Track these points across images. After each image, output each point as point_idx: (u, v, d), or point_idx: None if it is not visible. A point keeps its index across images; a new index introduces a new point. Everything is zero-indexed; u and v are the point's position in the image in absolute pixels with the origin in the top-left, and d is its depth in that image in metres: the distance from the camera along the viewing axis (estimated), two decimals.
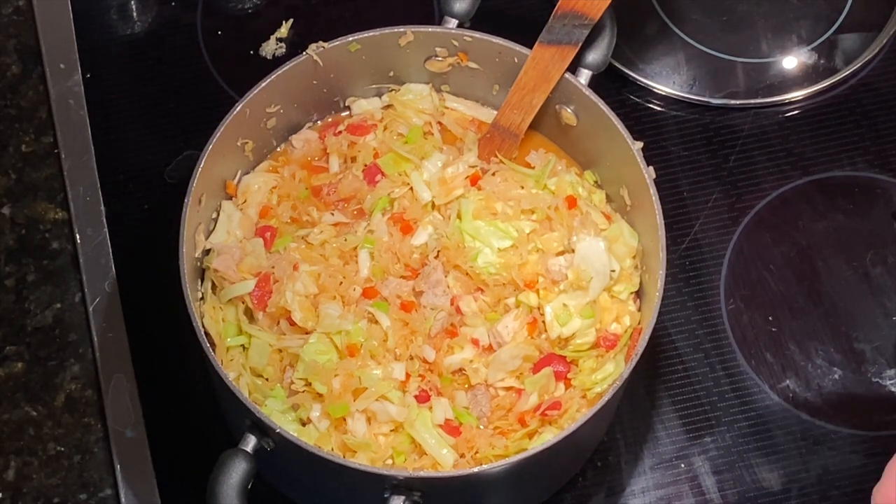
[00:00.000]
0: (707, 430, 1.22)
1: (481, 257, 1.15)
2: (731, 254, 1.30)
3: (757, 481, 1.20)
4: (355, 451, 1.09)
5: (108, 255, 1.28)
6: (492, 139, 1.22)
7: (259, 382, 1.12)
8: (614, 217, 1.19)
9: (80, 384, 1.24)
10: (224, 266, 1.15)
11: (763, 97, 1.37)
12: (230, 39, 1.40)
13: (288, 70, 1.19)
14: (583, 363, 1.13)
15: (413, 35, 1.21)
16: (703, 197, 1.33)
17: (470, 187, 1.19)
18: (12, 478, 1.21)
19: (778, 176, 1.34)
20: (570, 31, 1.18)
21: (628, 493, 1.20)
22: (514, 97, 1.20)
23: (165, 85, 1.38)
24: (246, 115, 1.17)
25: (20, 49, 1.40)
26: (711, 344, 1.25)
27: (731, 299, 1.27)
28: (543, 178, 1.20)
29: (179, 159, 1.33)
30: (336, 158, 1.22)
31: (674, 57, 1.40)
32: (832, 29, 1.41)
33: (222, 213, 1.19)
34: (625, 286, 1.15)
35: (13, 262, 1.29)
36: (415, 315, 1.13)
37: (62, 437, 1.22)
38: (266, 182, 1.21)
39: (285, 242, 1.17)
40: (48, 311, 1.27)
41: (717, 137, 1.36)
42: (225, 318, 1.14)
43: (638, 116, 1.36)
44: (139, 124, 1.36)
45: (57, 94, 1.36)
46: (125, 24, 1.42)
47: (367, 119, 1.24)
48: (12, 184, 1.33)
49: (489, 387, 1.12)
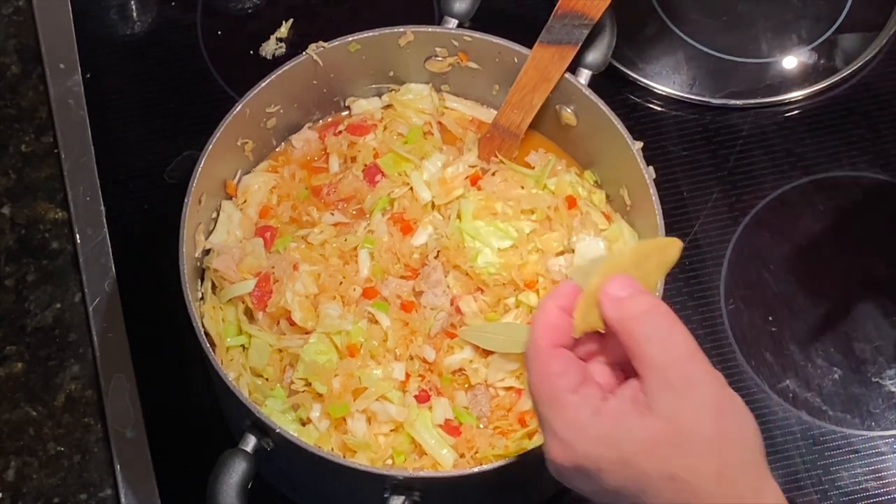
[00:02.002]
0: None
1: (481, 257, 1.15)
2: (731, 254, 1.30)
3: None
4: (355, 451, 1.09)
5: (108, 255, 1.28)
6: (492, 139, 1.22)
7: (259, 382, 1.12)
8: (614, 217, 1.19)
9: (80, 384, 1.24)
10: (224, 266, 1.15)
11: (763, 97, 1.37)
12: (230, 39, 1.40)
13: (288, 70, 1.19)
14: None
15: (413, 35, 1.21)
16: (703, 197, 1.33)
17: (470, 187, 1.19)
18: (12, 478, 1.21)
19: (778, 176, 1.34)
20: (570, 31, 1.18)
21: None
22: (514, 97, 1.20)
23: (165, 85, 1.38)
24: (246, 115, 1.17)
25: (20, 49, 1.40)
26: (711, 344, 1.25)
27: (731, 299, 1.27)
28: (543, 178, 1.20)
29: (179, 159, 1.33)
30: (336, 158, 1.22)
31: (674, 57, 1.40)
32: (832, 29, 1.41)
33: (222, 213, 1.19)
34: None
35: (13, 262, 1.29)
36: (415, 315, 1.13)
37: (62, 437, 1.22)
38: (266, 182, 1.21)
39: (285, 242, 1.17)
40: (48, 311, 1.27)
41: (717, 137, 1.36)
42: (225, 318, 1.14)
43: (638, 116, 1.36)
44: (139, 124, 1.36)
45: (57, 94, 1.36)
46: (125, 24, 1.42)
47: (367, 119, 1.24)
48: (12, 184, 1.33)
49: (489, 387, 1.12)
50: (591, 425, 0.82)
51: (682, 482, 0.81)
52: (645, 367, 0.82)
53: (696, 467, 0.81)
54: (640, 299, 0.84)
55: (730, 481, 0.81)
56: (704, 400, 0.82)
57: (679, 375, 0.82)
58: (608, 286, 0.85)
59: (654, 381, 0.82)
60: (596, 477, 0.83)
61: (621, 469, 0.82)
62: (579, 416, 0.83)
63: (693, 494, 0.81)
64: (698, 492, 0.81)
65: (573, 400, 0.83)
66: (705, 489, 0.81)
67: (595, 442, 0.82)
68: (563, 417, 0.83)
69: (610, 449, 0.82)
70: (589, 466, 0.82)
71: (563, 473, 0.85)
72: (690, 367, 0.82)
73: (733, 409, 0.83)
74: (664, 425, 0.81)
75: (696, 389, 0.82)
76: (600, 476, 0.82)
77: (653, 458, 0.81)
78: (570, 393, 0.83)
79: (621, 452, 0.81)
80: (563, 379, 0.84)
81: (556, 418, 0.83)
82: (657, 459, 0.81)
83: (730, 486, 0.81)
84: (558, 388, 0.83)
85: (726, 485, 0.81)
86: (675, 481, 0.81)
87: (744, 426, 0.84)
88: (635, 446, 0.81)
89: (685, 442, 0.81)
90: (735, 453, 0.82)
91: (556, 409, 0.83)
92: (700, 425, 0.81)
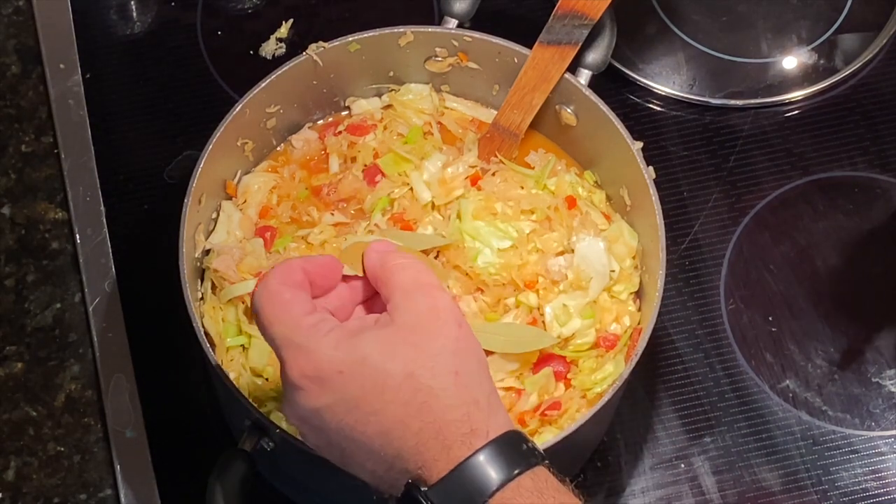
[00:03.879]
0: (707, 430, 1.22)
1: (481, 258, 1.15)
2: (731, 254, 1.30)
3: (757, 481, 1.20)
4: None
5: (108, 255, 1.28)
6: (492, 139, 1.22)
7: (259, 382, 1.12)
8: (614, 217, 1.19)
9: (80, 384, 1.24)
10: (224, 266, 1.15)
11: (763, 97, 1.37)
12: (230, 39, 1.40)
13: (288, 70, 1.19)
14: (582, 363, 1.13)
15: (413, 35, 1.21)
16: (703, 197, 1.33)
17: (470, 187, 1.19)
18: (12, 478, 1.21)
19: (778, 176, 1.34)
20: (570, 31, 1.18)
21: (628, 494, 1.20)
22: (513, 97, 1.20)
23: (165, 85, 1.38)
24: (246, 115, 1.17)
25: (20, 49, 1.40)
26: (711, 344, 1.25)
27: (731, 299, 1.27)
28: (543, 178, 1.20)
29: (179, 159, 1.33)
30: (336, 158, 1.22)
31: (674, 57, 1.40)
32: (832, 29, 1.41)
33: (222, 213, 1.19)
34: (625, 286, 1.15)
35: (13, 262, 1.29)
36: None
37: (62, 437, 1.22)
38: (266, 182, 1.21)
39: (285, 242, 1.17)
40: (48, 311, 1.27)
41: (717, 137, 1.36)
42: (225, 318, 1.14)
43: (638, 116, 1.36)
44: (139, 124, 1.36)
45: (57, 94, 1.36)
46: (125, 24, 1.42)
47: (366, 119, 1.24)
48: (12, 184, 1.33)
49: None
50: (332, 334, 0.86)
51: (420, 380, 0.85)
52: (393, 290, 0.89)
53: (434, 367, 0.85)
54: (403, 254, 0.92)
55: (465, 384, 0.86)
56: (446, 316, 0.87)
57: (424, 296, 0.88)
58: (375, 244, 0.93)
59: (399, 299, 0.88)
60: (333, 386, 0.85)
61: (361, 369, 0.85)
62: (320, 327, 0.87)
63: (430, 395, 0.85)
64: (436, 391, 0.85)
65: (311, 319, 0.87)
66: (442, 387, 0.85)
67: (334, 346, 0.86)
68: (303, 331, 0.87)
69: (351, 351, 0.85)
70: (329, 372, 0.85)
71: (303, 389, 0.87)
72: (436, 292, 0.89)
73: (468, 328, 0.89)
74: (406, 332, 0.86)
75: (438, 307, 0.88)
76: (341, 382, 0.85)
77: (394, 357, 0.85)
78: (306, 314, 0.88)
79: (363, 353, 0.85)
80: (298, 304, 0.88)
81: (296, 332, 0.87)
82: (398, 359, 0.85)
83: (465, 388, 0.86)
84: (295, 311, 0.88)
85: (462, 386, 0.86)
86: (413, 378, 0.85)
87: (476, 345, 0.89)
88: (377, 347, 0.85)
89: (424, 343, 0.86)
90: (471, 361, 0.87)
91: (295, 326, 0.87)
92: (439, 332, 0.87)
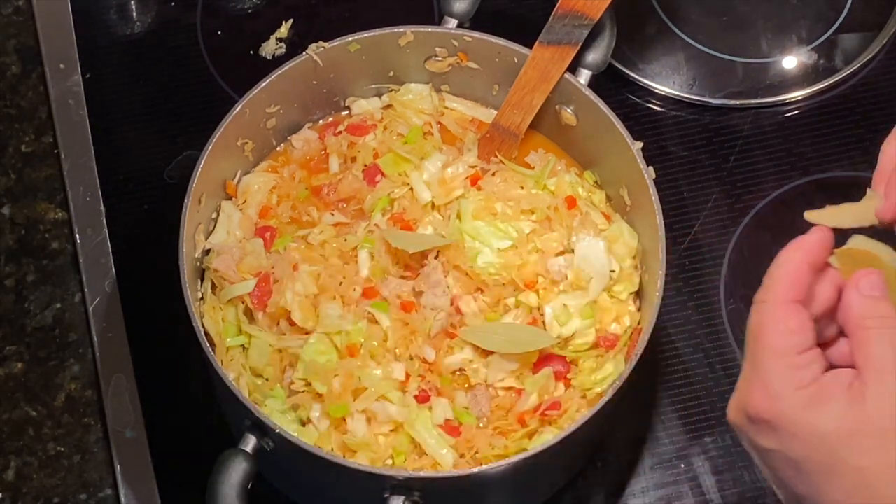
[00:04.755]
0: (707, 430, 1.22)
1: (481, 257, 1.15)
2: (731, 254, 1.30)
3: (757, 481, 1.20)
4: (355, 451, 1.09)
5: (108, 255, 1.28)
6: (492, 139, 1.22)
7: (259, 382, 1.12)
8: (614, 217, 1.19)
9: (80, 384, 1.24)
10: (224, 266, 1.15)
11: (763, 97, 1.37)
12: (230, 39, 1.40)
13: (288, 70, 1.19)
14: (582, 363, 1.13)
15: (413, 35, 1.21)
16: (703, 197, 1.33)
17: (470, 187, 1.19)
18: (12, 478, 1.21)
19: (778, 176, 1.34)
20: (570, 31, 1.18)
21: (628, 493, 1.20)
22: (513, 97, 1.20)
23: (165, 85, 1.38)
24: (246, 115, 1.17)
25: (20, 49, 1.40)
26: (711, 344, 1.25)
27: (731, 299, 1.27)
28: (543, 178, 1.20)
29: (179, 159, 1.33)
30: (336, 158, 1.22)
31: (674, 57, 1.40)
32: (832, 29, 1.41)
33: (222, 213, 1.19)
34: (625, 286, 1.15)
35: (13, 262, 1.29)
36: (415, 315, 1.13)
37: (62, 437, 1.22)
38: (266, 182, 1.21)
39: (285, 242, 1.17)
40: (48, 311, 1.27)
41: (717, 137, 1.36)
42: (225, 318, 1.14)
43: (638, 116, 1.36)
44: (139, 124, 1.36)
45: (57, 94, 1.36)
46: (125, 24, 1.42)
47: (366, 119, 1.24)
48: (12, 184, 1.33)
49: (489, 387, 1.12)
50: (806, 390, 0.83)
51: (870, 477, 0.81)
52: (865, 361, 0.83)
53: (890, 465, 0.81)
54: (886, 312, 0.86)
55: None
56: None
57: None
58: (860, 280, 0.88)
59: (871, 378, 0.82)
60: (783, 439, 0.83)
61: (814, 442, 0.82)
62: (799, 377, 0.83)
63: (873, 493, 0.81)
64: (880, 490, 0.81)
65: (799, 361, 0.84)
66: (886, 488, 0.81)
67: (801, 406, 0.83)
68: (782, 371, 0.84)
69: (813, 419, 0.82)
70: (784, 426, 0.83)
71: (752, 420, 0.85)
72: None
73: None
74: (873, 420, 0.81)
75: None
76: (789, 440, 0.83)
77: (850, 445, 0.81)
78: (798, 353, 0.84)
79: (822, 427, 0.82)
80: (797, 337, 0.85)
81: (776, 369, 0.84)
82: (854, 448, 0.81)
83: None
84: (790, 343, 0.84)
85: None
86: (861, 474, 0.81)
87: None
88: (837, 426, 0.82)
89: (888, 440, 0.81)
90: None
91: (779, 361, 0.84)
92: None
